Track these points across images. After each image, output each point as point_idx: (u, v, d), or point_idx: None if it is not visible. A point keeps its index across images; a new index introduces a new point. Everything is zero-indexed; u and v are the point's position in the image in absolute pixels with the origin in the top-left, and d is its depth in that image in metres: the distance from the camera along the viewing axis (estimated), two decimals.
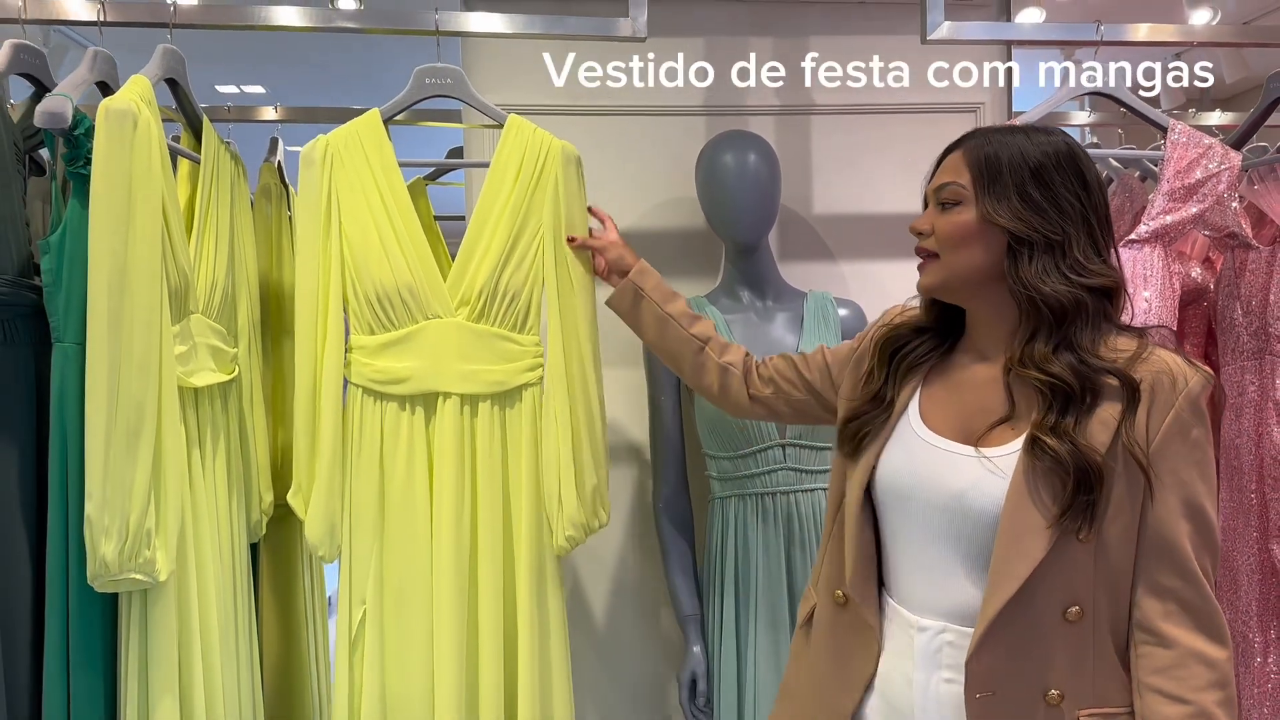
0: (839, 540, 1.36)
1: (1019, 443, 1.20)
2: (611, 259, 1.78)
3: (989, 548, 1.20)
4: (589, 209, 1.85)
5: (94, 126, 1.51)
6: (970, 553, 1.22)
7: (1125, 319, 1.62)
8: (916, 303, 1.40)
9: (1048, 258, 1.21)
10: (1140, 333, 1.24)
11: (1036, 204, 1.21)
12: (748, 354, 1.70)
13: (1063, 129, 1.53)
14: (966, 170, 1.26)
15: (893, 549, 1.31)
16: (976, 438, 1.24)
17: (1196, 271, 2.16)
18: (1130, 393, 1.17)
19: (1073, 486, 1.14)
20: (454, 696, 1.72)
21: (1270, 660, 1.96)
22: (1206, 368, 1.21)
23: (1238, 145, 2.09)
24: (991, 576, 1.18)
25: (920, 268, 1.32)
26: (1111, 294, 1.24)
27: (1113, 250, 1.27)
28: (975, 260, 1.25)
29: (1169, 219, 1.92)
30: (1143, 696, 1.18)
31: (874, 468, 1.31)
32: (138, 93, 1.56)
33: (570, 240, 1.80)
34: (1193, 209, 1.93)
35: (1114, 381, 1.18)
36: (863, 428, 1.34)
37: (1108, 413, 1.17)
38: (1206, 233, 2.06)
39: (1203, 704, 1.14)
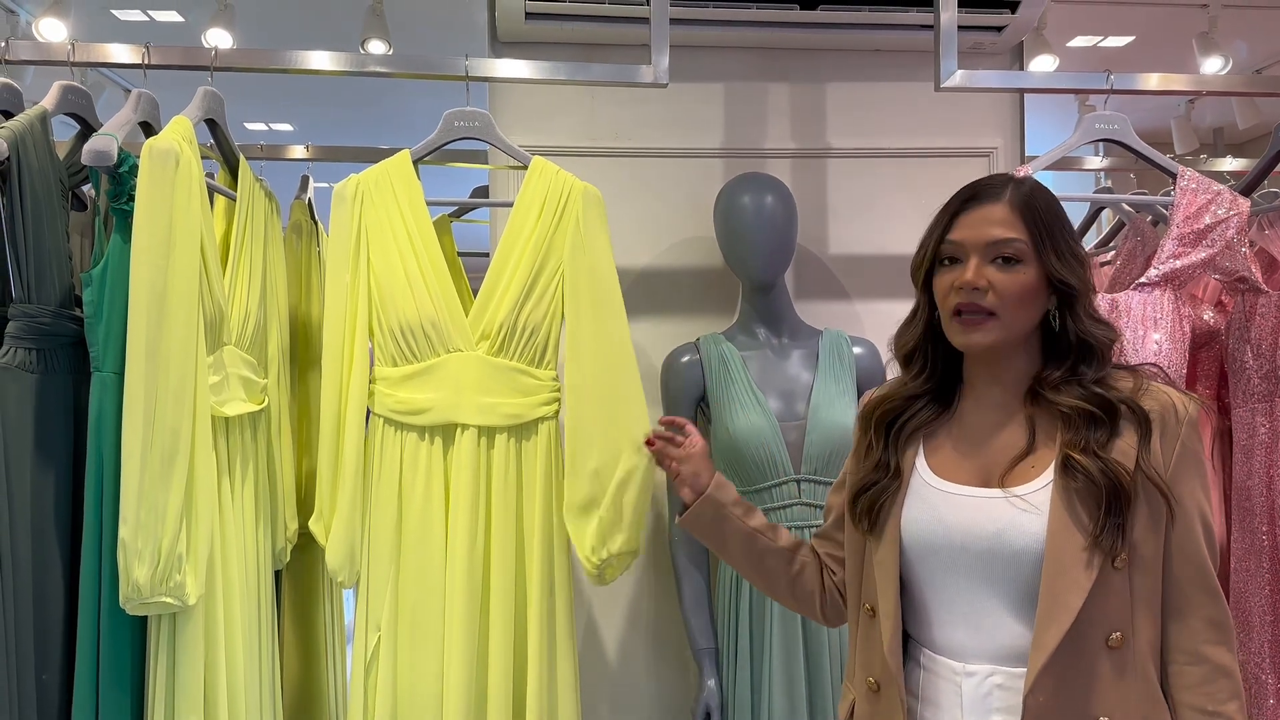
0: (864, 621, 1.35)
1: (1048, 474, 1.23)
2: (687, 472, 1.54)
3: (1029, 585, 1.22)
4: (673, 419, 1.66)
5: (137, 165, 1.58)
6: (1011, 593, 1.24)
7: (1139, 360, 1.67)
8: (885, 381, 1.43)
9: (1084, 305, 1.27)
10: (1133, 369, 1.30)
11: (1075, 255, 1.27)
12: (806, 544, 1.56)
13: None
14: (1022, 225, 1.25)
15: (927, 602, 1.30)
16: (998, 479, 1.26)
17: (1209, 315, 2.19)
18: (1143, 423, 1.22)
19: (1106, 504, 1.18)
20: None
21: None
22: (1194, 395, 1.29)
23: (1247, 191, 2.13)
24: (1043, 611, 1.20)
25: (971, 324, 1.25)
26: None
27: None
28: (1032, 317, 1.27)
29: (1178, 263, 1.96)
30: (1180, 713, 1.23)
31: (900, 530, 1.30)
32: (180, 133, 1.63)
33: (649, 443, 1.60)
34: (1202, 254, 1.96)
35: (1128, 411, 1.23)
36: (876, 499, 1.32)
37: (1126, 442, 1.22)
38: (1217, 277, 2.09)
39: (1229, 714, 1.22)
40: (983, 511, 1.25)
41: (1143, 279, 1.96)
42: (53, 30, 2.86)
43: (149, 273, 1.56)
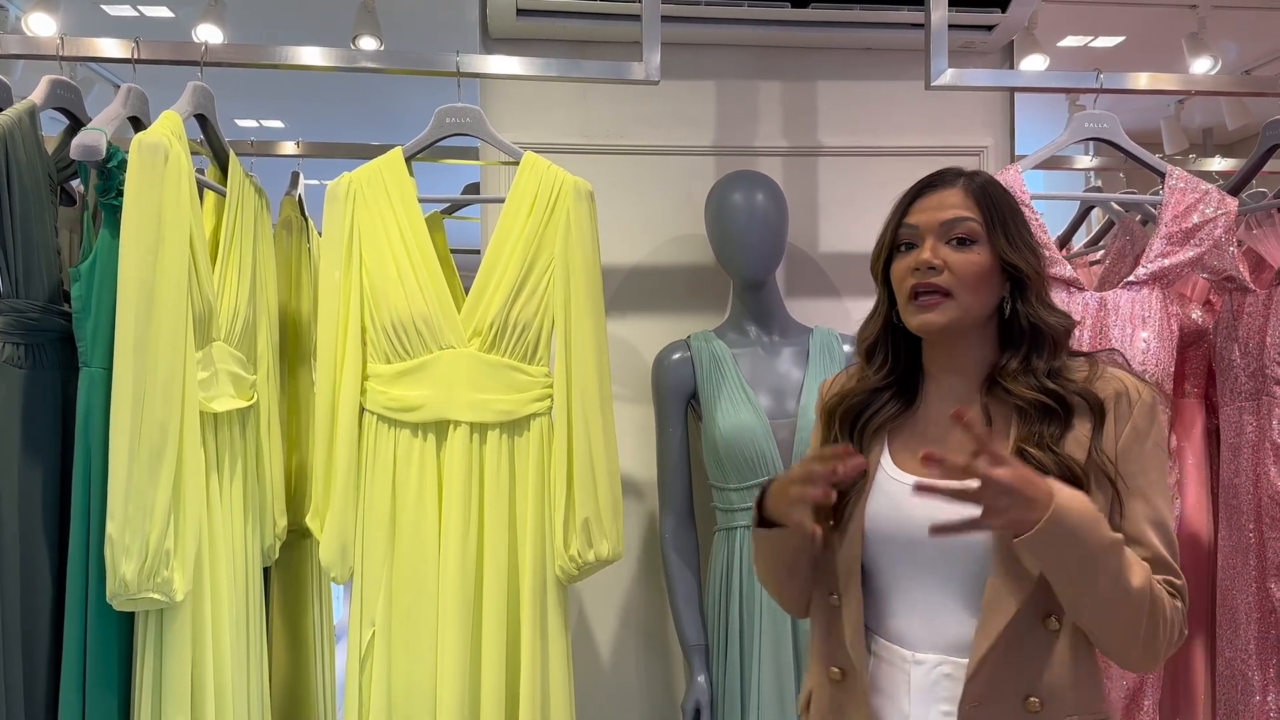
0: (826, 612, 1.36)
1: None
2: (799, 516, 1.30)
3: (981, 577, 1.23)
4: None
5: (126, 160, 1.58)
6: (965, 584, 1.25)
7: (1127, 358, 1.67)
8: (845, 374, 1.42)
9: (1036, 290, 1.28)
10: (1089, 356, 1.31)
11: (1026, 242, 1.29)
12: None
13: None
14: (975, 207, 1.27)
15: (885, 592, 1.32)
16: None
17: (1197, 313, 2.20)
18: (1096, 411, 1.24)
19: None
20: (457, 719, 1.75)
21: (1270, 698, 1.97)
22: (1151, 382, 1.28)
23: (1235, 191, 2.14)
24: (988, 600, 1.22)
25: (927, 304, 1.26)
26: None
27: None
28: (987, 300, 1.28)
29: (1166, 262, 1.97)
30: None
31: (864, 524, 1.30)
32: (169, 128, 1.63)
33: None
34: (1190, 252, 1.97)
35: (1081, 401, 1.24)
36: (844, 496, 1.31)
37: (1080, 432, 1.23)
38: (1205, 276, 2.10)
39: (1147, 561, 1.20)
40: (940, 504, 1.24)
41: (1131, 277, 1.97)
42: (42, 25, 2.85)
43: (138, 268, 1.55)
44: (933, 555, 1.26)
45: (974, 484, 1.09)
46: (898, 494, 1.29)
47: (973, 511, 1.16)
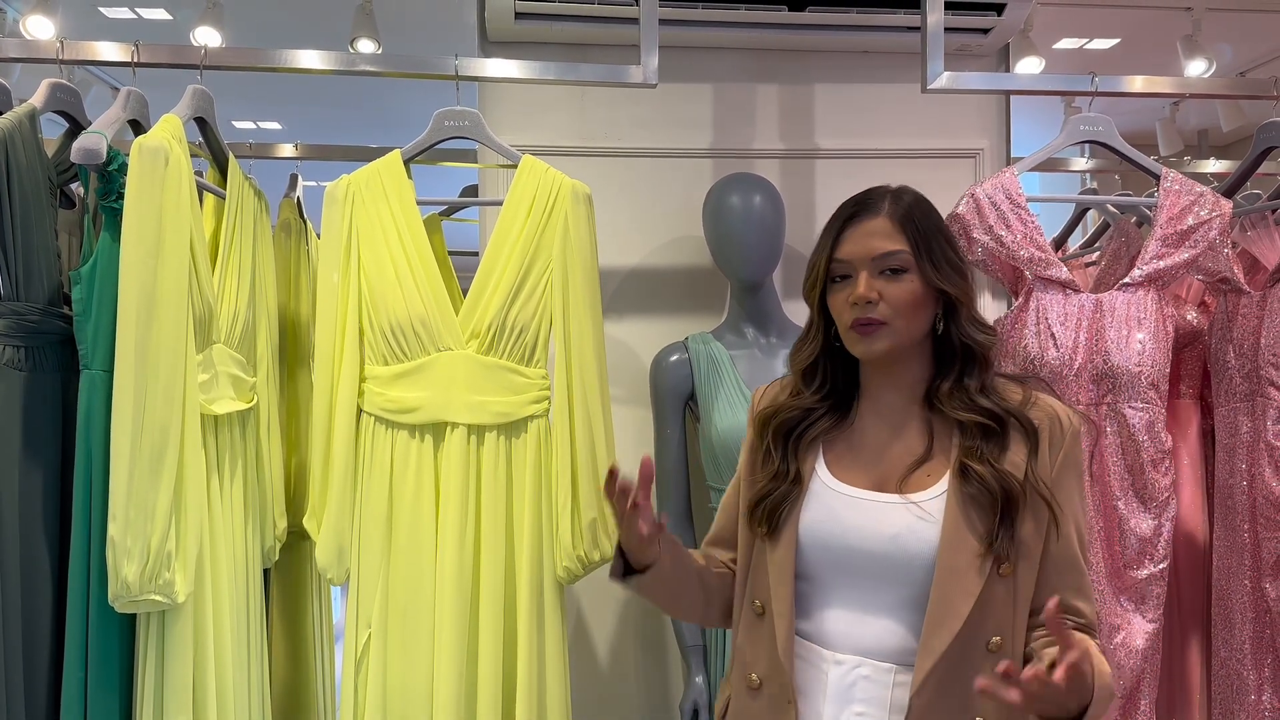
0: (749, 619, 1.37)
1: (944, 482, 1.29)
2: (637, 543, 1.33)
3: (918, 588, 1.27)
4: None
5: (126, 163, 1.58)
6: (900, 594, 1.28)
7: (1120, 360, 1.69)
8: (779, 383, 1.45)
9: (965, 310, 1.33)
10: (1020, 380, 1.37)
11: (952, 263, 1.33)
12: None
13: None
14: (902, 237, 1.30)
15: (812, 597, 1.33)
16: (895, 484, 1.31)
17: (1192, 315, 2.21)
18: (1031, 434, 1.29)
19: (999, 512, 1.24)
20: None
21: (1265, 698, 1.98)
22: (1075, 409, 1.36)
23: (1230, 193, 2.15)
24: (932, 616, 1.25)
25: (867, 334, 1.30)
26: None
27: None
28: (923, 323, 1.32)
29: (1162, 264, 1.98)
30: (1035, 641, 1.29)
31: (798, 532, 1.32)
32: (169, 131, 1.63)
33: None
34: (1185, 254, 1.98)
35: (1017, 423, 1.30)
36: (778, 504, 1.33)
37: (1016, 453, 1.28)
38: (1200, 277, 2.11)
39: (1086, 620, 1.30)
40: (881, 515, 1.29)
41: (1127, 279, 1.98)
42: (40, 28, 2.85)
43: (138, 271, 1.56)
44: (867, 563, 1.29)
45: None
46: (835, 503, 1.32)
47: (924, 524, 1.24)
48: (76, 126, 1.82)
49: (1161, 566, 1.95)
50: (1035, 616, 1.29)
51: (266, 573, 2.00)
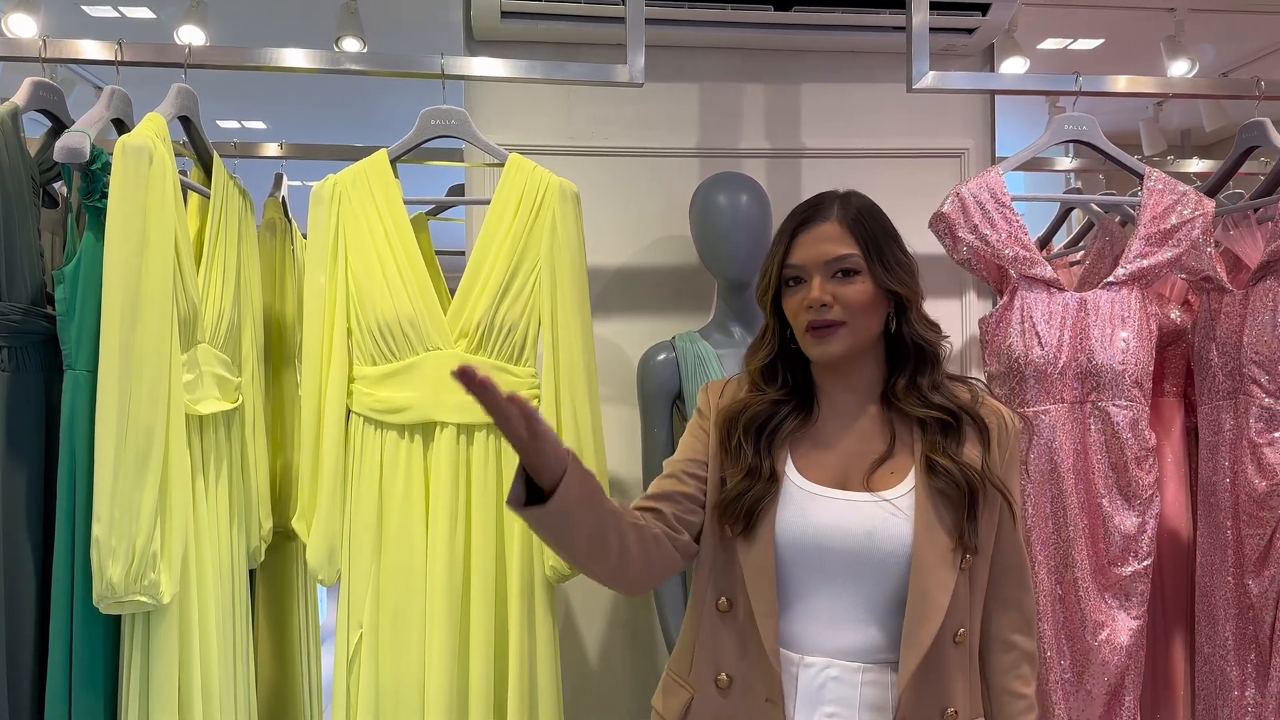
0: (712, 618, 1.36)
1: (910, 478, 1.32)
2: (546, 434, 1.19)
3: (892, 585, 1.29)
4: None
5: (110, 162, 1.57)
6: (873, 593, 1.30)
7: (1104, 358, 1.72)
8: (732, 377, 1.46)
9: (915, 310, 1.37)
10: (965, 380, 1.41)
11: (901, 264, 1.35)
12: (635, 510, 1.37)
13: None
14: (853, 240, 1.33)
15: (784, 599, 1.33)
16: (861, 482, 1.33)
17: (1176, 313, 2.23)
18: (984, 432, 1.35)
19: (966, 505, 1.28)
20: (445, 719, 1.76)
21: (1248, 693, 2.00)
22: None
23: (1212, 192, 2.17)
24: (913, 611, 1.27)
25: (823, 336, 1.32)
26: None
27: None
28: (875, 324, 1.35)
29: (1145, 262, 1.99)
30: (995, 696, 1.37)
31: (774, 532, 1.32)
32: (153, 130, 1.62)
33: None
34: (1168, 253, 2.00)
35: (970, 420, 1.35)
36: (755, 502, 1.32)
37: (972, 449, 1.33)
38: (1183, 276, 2.13)
39: (1031, 697, 1.38)
40: (852, 513, 1.31)
41: (1111, 278, 1.99)
42: (22, 26, 2.83)
43: (122, 270, 1.55)
44: (841, 562, 1.30)
45: None
46: (806, 503, 1.33)
47: (896, 520, 1.28)
48: (59, 125, 1.81)
49: (1145, 563, 1.97)
50: (988, 608, 1.36)
51: (252, 574, 2.00)
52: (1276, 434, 1.96)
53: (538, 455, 1.16)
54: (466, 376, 1.08)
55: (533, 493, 1.20)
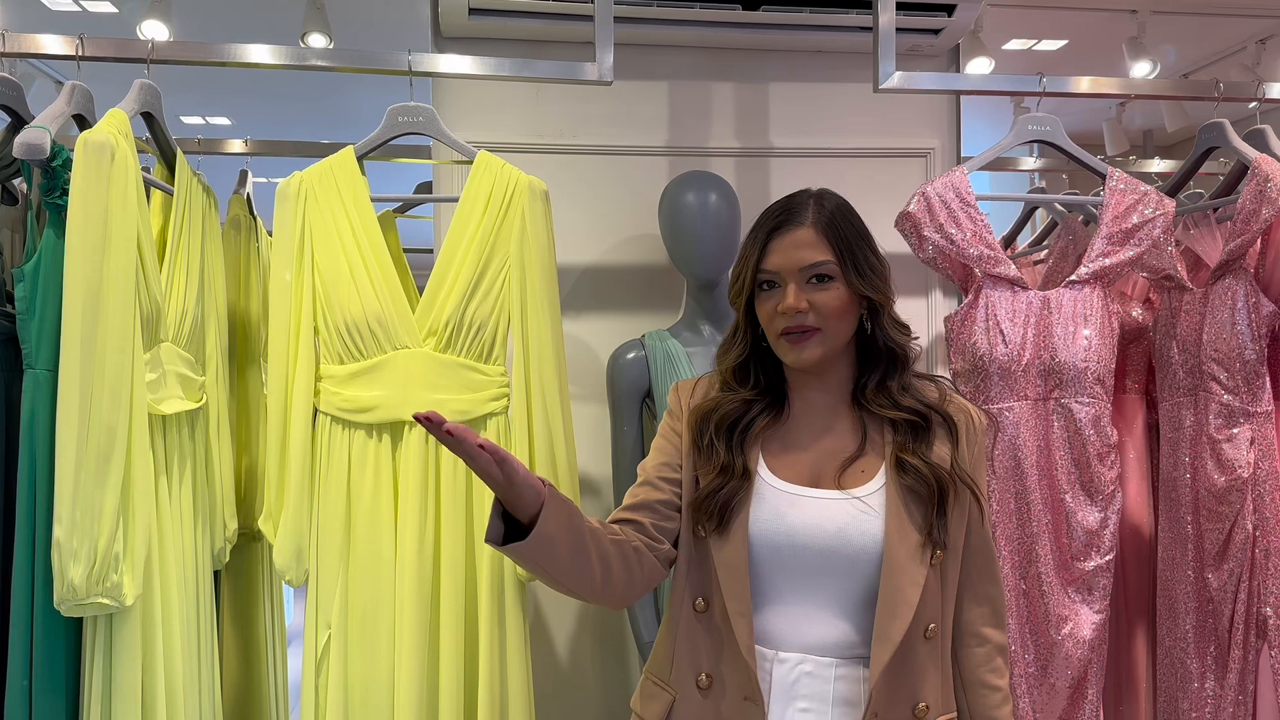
0: (689, 619, 1.37)
1: (881, 476, 1.33)
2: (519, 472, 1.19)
3: (864, 582, 1.31)
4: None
5: (71, 158, 1.55)
6: (845, 590, 1.32)
7: (1066, 355, 1.74)
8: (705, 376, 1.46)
9: (887, 313, 1.38)
10: (933, 378, 1.43)
11: (874, 268, 1.36)
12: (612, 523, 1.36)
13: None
14: (827, 247, 1.33)
15: (757, 597, 1.34)
16: (832, 480, 1.34)
17: (1137, 311, 2.26)
18: (953, 430, 1.37)
19: (935, 502, 1.31)
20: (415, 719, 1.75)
21: (1208, 685, 2.03)
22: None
23: (1173, 192, 2.20)
24: (885, 606, 1.28)
25: (798, 342, 1.33)
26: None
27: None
28: (849, 328, 1.37)
29: (1107, 261, 2.02)
30: (970, 690, 1.39)
31: (748, 530, 1.32)
32: (115, 126, 1.60)
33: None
34: (1130, 252, 2.03)
35: (939, 419, 1.37)
36: (728, 500, 1.32)
37: (941, 446, 1.35)
38: (1144, 275, 2.16)
39: (1005, 689, 1.40)
40: (824, 511, 1.32)
41: (1074, 276, 2.02)
42: None
43: (84, 268, 1.52)
44: (813, 560, 1.32)
45: None
46: (778, 501, 1.34)
47: (868, 517, 1.29)
48: (19, 121, 1.78)
49: (1108, 558, 1.99)
50: (959, 603, 1.38)
51: (217, 575, 1.98)
52: (1235, 430, 1.99)
53: (516, 496, 1.18)
54: (433, 424, 1.07)
55: (511, 526, 1.22)
